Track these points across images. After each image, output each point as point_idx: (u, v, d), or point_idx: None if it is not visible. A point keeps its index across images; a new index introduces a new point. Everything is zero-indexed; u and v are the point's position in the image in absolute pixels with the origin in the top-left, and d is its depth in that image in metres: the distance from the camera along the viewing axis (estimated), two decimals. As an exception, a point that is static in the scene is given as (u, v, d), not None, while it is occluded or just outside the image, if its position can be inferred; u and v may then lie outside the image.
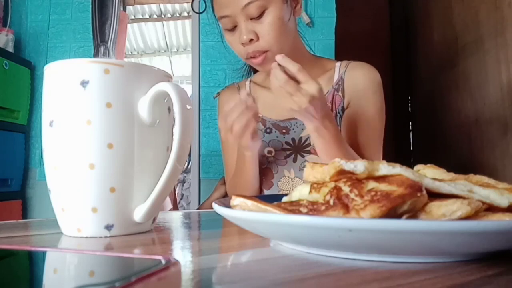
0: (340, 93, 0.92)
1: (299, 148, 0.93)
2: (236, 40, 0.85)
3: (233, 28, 0.85)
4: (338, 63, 0.95)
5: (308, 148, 0.93)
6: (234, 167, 1.02)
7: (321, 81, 0.93)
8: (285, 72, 0.69)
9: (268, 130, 0.96)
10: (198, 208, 1.30)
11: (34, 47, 2.09)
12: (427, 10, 2.15)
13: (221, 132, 1.04)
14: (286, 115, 0.94)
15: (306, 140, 0.92)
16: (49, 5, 2.11)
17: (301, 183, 0.92)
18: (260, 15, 0.82)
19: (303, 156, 0.92)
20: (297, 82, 0.70)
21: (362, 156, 0.88)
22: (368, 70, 0.93)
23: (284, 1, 0.84)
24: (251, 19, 0.82)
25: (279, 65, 0.70)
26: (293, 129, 0.94)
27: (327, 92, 0.93)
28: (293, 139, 0.94)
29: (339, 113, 0.92)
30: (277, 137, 0.94)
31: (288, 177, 0.94)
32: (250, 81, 1.03)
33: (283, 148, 0.94)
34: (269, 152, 0.96)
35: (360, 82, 0.91)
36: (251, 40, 0.83)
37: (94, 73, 0.34)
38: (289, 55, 0.85)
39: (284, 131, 0.94)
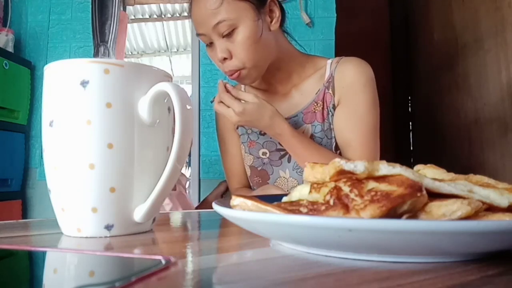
0: (330, 91, 0.91)
1: None
2: (215, 56, 0.86)
3: (211, 44, 0.87)
4: (329, 61, 0.94)
5: None
6: (234, 168, 1.02)
7: (312, 80, 0.94)
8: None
9: (262, 132, 0.95)
10: (198, 206, 1.30)
11: (34, 47, 2.09)
12: (427, 10, 2.15)
13: (219, 133, 1.04)
14: None
15: None
16: (49, 5, 2.11)
17: (295, 183, 0.92)
18: (231, 34, 0.82)
19: None
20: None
21: (356, 154, 0.87)
22: (357, 65, 0.91)
23: (256, 18, 0.84)
24: (223, 36, 0.83)
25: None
26: None
27: (318, 90, 0.92)
28: None
29: (330, 111, 0.91)
30: (271, 138, 0.93)
31: (284, 177, 0.94)
32: None
33: (277, 149, 0.94)
34: (264, 153, 0.96)
35: (350, 77, 0.89)
36: (225, 58, 0.84)
37: (94, 73, 0.34)
38: (271, 64, 0.90)
39: None
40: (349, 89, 0.89)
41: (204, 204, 1.23)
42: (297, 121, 0.93)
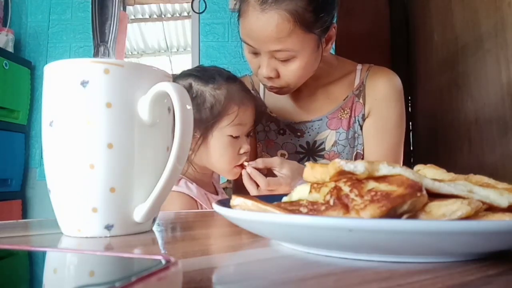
0: (361, 100, 0.89)
1: (313, 152, 0.91)
2: (256, 64, 0.81)
3: (255, 53, 0.80)
4: (359, 67, 0.92)
5: (322, 153, 0.90)
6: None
7: (340, 84, 0.92)
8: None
9: (281, 132, 0.93)
10: None
11: (34, 47, 2.09)
12: (427, 10, 2.15)
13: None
14: (301, 117, 0.92)
15: (320, 144, 0.90)
16: (49, 5, 2.11)
17: None
18: (287, 60, 0.77)
19: (316, 160, 0.90)
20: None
21: None
22: (391, 78, 0.90)
23: (316, 48, 0.79)
24: (275, 58, 0.78)
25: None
26: (308, 132, 0.91)
27: (347, 97, 0.90)
28: (307, 142, 0.91)
29: (358, 120, 0.89)
30: (291, 139, 0.91)
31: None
32: None
33: (296, 151, 0.91)
34: (282, 155, 0.92)
35: (383, 90, 0.89)
36: (271, 77, 0.79)
37: (94, 73, 0.34)
38: None
39: (299, 133, 0.91)
40: (382, 103, 0.89)
41: None
42: (320, 125, 0.90)
